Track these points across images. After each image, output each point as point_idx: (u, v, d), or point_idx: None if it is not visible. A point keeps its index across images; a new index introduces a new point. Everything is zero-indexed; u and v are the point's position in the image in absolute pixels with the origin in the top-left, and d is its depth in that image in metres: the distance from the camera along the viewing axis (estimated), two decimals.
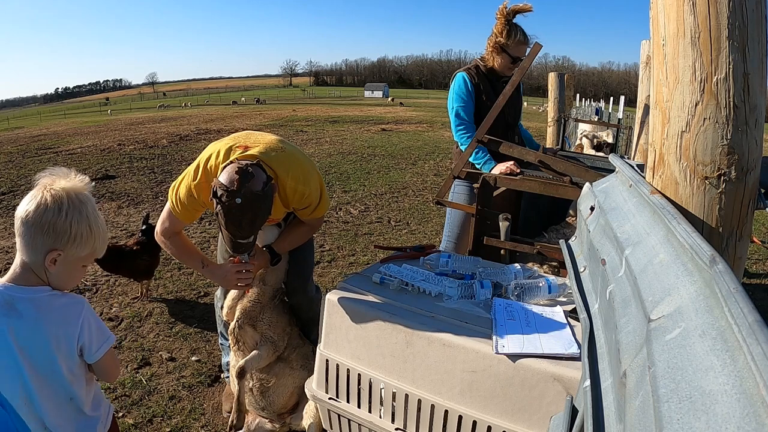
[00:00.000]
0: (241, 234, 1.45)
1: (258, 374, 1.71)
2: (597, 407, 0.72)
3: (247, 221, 1.42)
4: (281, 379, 1.72)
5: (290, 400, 1.75)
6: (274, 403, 1.73)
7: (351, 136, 11.92)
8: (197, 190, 1.57)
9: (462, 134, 2.24)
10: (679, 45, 0.91)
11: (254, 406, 1.76)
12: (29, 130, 17.91)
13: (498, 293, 1.39)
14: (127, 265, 2.83)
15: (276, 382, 1.71)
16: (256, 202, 1.41)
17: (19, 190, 5.95)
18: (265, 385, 1.71)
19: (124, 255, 2.82)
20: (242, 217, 1.40)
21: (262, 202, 1.43)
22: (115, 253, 2.80)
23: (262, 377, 1.71)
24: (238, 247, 1.49)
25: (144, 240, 2.92)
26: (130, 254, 2.84)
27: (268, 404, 1.73)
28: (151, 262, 2.93)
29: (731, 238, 0.96)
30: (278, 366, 1.73)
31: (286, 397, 1.73)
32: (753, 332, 0.44)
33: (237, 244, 1.47)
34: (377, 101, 44.75)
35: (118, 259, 2.80)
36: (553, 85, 5.63)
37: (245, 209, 1.39)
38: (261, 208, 1.44)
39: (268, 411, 1.75)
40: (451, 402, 1.18)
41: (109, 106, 58.39)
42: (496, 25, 2.20)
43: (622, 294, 0.81)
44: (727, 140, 0.89)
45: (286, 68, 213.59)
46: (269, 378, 1.71)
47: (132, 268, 2.86)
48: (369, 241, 4.16)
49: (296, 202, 1.63)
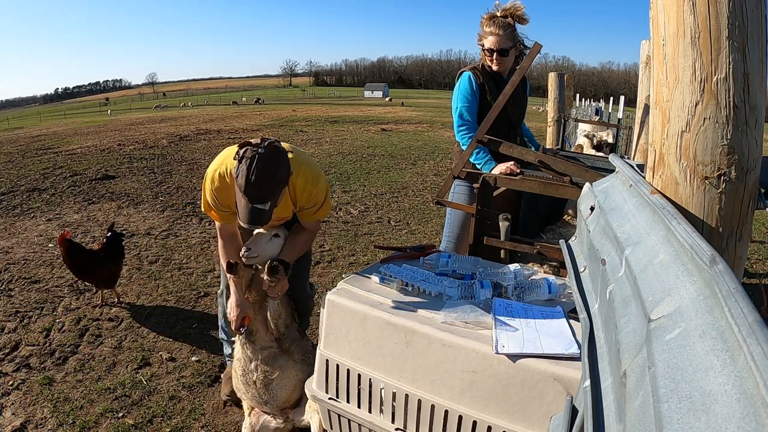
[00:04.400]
0: (259, 194, 1.44)
1: (263, 366, 1.73)
2: (597, 407, 0.72)
3: (266, 178, 1.44)
4: (285, 372, 1.74)
5: (293, 394, 1.76)
6: (277, 396, 1.75)
7: (351, 136, 11.92)
8: (217, 193, 1.66)
9: (464, 134, 2.24)
10: (679, 45, 0.91)
11: (257, 400, 1.77)
12: (29, 130, 17.91)
13: (498, 293, 1.39)
14: (91, 271, 2.81)
15: (280, 375, 1.73)
16: (276, 157, 1.48)
17: (19, 190, 5.95)
18: (269, 377, 1.73)
19: (92, 259, 2.81)
20: (264, 169, 1.43)
21: (281, 162, 1.49)
22: (85, 256, 2.81)
23: (266, 370, 1.73)
24: (255, 215, 1.47)
25: (108, 248, 2.90)
26: (96, 260, 2.82)
27: (271, 398, 1.75)
28: (114, 270, 2.90)
29: (731, 238, 0.96)
30: (282, 359, 1.75)
31: (289, 390, 1.76)
32: (753, 332, 0.44)
33: (254, 210, 1.46)
34: (377, 101, 44.75)
35: (87, 262, 2.79)
36: (553, 85, 5.63)
37: (267, 162, 1.44)
38: (279, 167, 1.48)
39: (271, 405, 1.77)
40: (451, 402, 1.18)
41: (109, 107, 58.37)
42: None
43: (622, 294, 0.81)
44: (727, 140, 0.89)
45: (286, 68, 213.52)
46: (273, 370, 1.73)
47: (95, 275, 2.83)
48: (369, 241, 4.16)
49: (304, 200, 1.69)
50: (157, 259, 3.72)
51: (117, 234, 3.00)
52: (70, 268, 2.84)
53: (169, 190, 5.98)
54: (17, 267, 3.53)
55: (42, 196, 5.65)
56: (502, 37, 2.17)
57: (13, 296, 3.06)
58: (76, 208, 5.18)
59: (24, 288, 3.18)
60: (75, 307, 2.94)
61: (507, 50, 2.19)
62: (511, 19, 2.19)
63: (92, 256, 2.82)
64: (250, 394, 1.77)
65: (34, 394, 2.10)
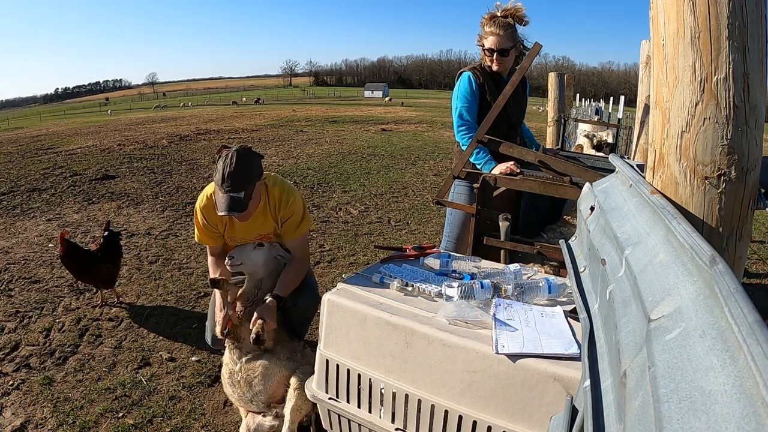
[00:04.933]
0: (233, 184, 1.63)
1: (245, 366, 1.78)
2: (597, 407, 0.72)
3: (241, 169, 1.65)
4: (267, 369, 1.77)
5: (277, 389, 1.78)
6: (260, 392, 1.77)
7: (351, 136, 11.92)
8: (205, 211, 1.84)
9: (463, 135, 2.24)
10: (679, 45, 0.91)
11: (243, 400, 1.80)
12: (29, 130, 17.91)
13: (498, 293, 1.39)
14: (90, 271, 2.81)
15: (261, 372, 1.76)
16: (250, 155, 1.71)
17: (18, 190, 5.95)
18: (251, 375, 1.77)
19: (90, 260, 2.81)
20: (237, 163, 1.65)
21: (254, 160, 1.72)
22: (83, 256, 2.80)
23: (248, 368, 1.77)
24: (230, 202, 1.64)
25: (105, 247, 2.90)
26: (95, 260, 2.82)
27: (254, 395, 1.78)
28: (113, 270, 2.90)
29: (731, 238, 0.96)
30: (264, 356, 1.79)
31: (273, 386, 1.78)
32: (753, 332, 0.44)
33: (229, 199, 1.64)
34: (377, 101, 44.75)
35: (85, 263, 2.79)
36: (553, 85, 5.62)
37: (240, 158, 1.66)
38: (252, 163, 1.70)
39: (257, 402, 1.79)
40: (451, 402, 1.18)
41: (109, 107, 58.36)
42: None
43: (622, 294, 0.81)
44: (727, 140, 0.89)
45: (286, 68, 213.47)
46: (255, 368, 1.77)
47: (94, 275, 2.83)
48: (369, 241, 4.16)
49: (282, 209, 1.84)
50: (157, 259, 3.72)
51: (114, 233, 3.00)
52: (69, 268, 2.84)
53: (169, 190, 5.98)
54: (17, 267, 3.54)
55: (42, 196, 5.65)
56: (502, 37, 2.17)
57: (13, 296, 3.06)
58: (76, 208, 5.18)
59: (24, 288, 3.18)
60: (75, 307, 2.94)
61: (507, 50, 2.19)
62: (511, 19, 2.19)
63: (90, 257, 2.82)
64: (236, 395, 1.80)
65: (34, 394, 2.10)
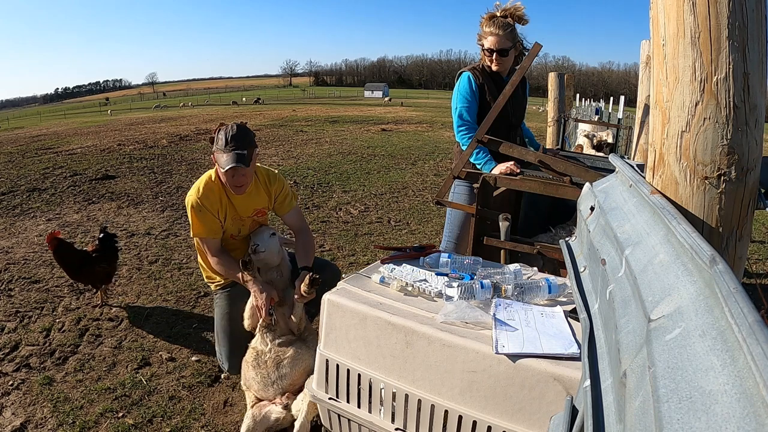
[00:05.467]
0: (236, 143, 1.85)
1: (276, 348, 1.83)
2: (597, 407, 0.72)
3: (241, 133, 1.89)
4: (297, 354, 1.81)
5: (300, 377, 1.80)
6: (286, 376, 1.80)
7: (351, 136, 11.92)
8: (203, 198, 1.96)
9: (463, 135, 2.24)
10: (679, 45, 0.91)
11: (265, 382, 1.81)
12: (29, 130, 17.91)
13: (498, 293, 1.39)
14: (86, 271, 2.82)
15: (292, 355, 1.80)
16: (245, 127, 1.95)
17: (18, 190, 5.95)
18: (281, 357, 1.80)
19: (86, 260, 2.82)
20: (239, 130, 1.89)
21: (249, 131, 1.95)
22: (79, 257, 2.81)
23: (279, 350, 1.82)
24: (237, 157, 1.83)
25: (101, 248, 2.91)
26: (91, 260, 2.83)
27: (279, 377, 1.80)
28: (109, 270, 2.91)
29: (731, 238, 0.96)
30: (296, 344, 1.84)
31: (299, 372, 1.80)
32: (753, 332, 0.44)
33: (235, 154, 1.83)
34: (377, 101, 44.74)
35: (81, 263, 2.80)
36: (553, 85, 5.62)
37: (240, 126, 1.91)
38: (248, 132, 1.93)
39: (278, 385, 1.81)
40: (451, 402, 1.18)
41: (109, 106, 58.32)
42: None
43: (622, 294, 0.81)
44: (727, 140, 0.89)
45: (286, 68, 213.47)
46: (286, 350, 1.81)
47: (91, 275, 2.84)
48: (369, 241, 4.16)
49: (273, 183, 2.10)
50: (157, 259, 3.72)
51: (109, 235, 3.01)
52: (62, 267, 2.84)
53: (169, 190, 5.98)
54: (17, 267, 3.54)
55: (42, 196, 5.65)
56: (501, 37, 2.17)
57: (13, 296, 3.06)
58: (76, 208, 5.18)
59: (24, 288, 3.18)
60: (75, 307, 2.94)
61: (507, 50, 2.19)
62: (510, 19, 2.19)
63: (85, 257, 2.83)
64: (259, 376, 1.81)
65: (34, 394, 2.10)
